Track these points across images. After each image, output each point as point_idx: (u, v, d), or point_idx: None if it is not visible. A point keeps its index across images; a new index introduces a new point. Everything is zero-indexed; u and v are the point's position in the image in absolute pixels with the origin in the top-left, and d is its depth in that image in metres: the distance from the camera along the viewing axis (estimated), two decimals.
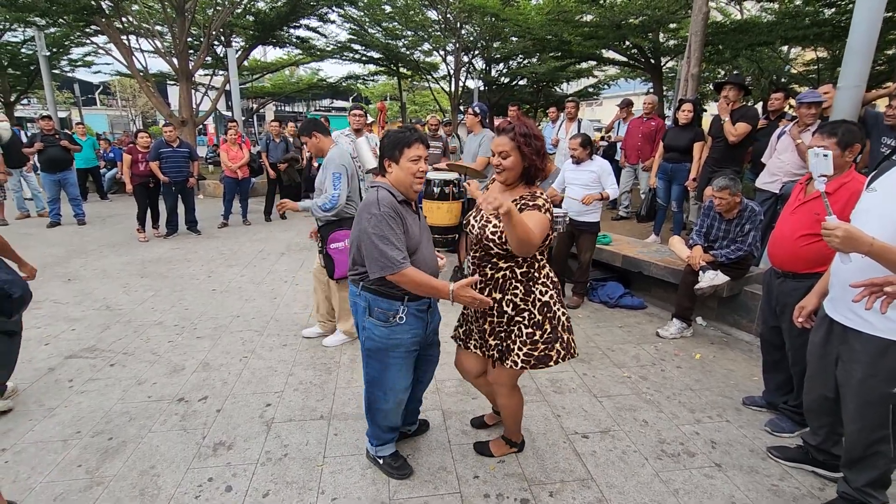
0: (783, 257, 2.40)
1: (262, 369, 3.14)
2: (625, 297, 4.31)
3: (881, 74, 9.74)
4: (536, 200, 1.86)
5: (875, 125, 3.59)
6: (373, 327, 1.95)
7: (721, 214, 3.47)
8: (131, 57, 10.69)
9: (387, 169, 1.92)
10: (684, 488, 2.13)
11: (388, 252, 1.78)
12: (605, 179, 4.05)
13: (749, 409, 2.75)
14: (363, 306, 1.96)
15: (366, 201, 1.89)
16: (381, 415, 2.11)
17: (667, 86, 13.22)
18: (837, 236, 1.56)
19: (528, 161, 1.87)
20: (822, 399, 2.03)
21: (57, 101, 13.25)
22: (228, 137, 7.52)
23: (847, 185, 2.16)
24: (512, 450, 2.35)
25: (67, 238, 6.70)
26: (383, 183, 1.93)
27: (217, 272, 5.22)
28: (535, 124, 2.85)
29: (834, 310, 1.88)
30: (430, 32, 14.10)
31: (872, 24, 3.15)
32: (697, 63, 5.67)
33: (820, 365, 2.00)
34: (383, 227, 1.79)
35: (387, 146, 1.91)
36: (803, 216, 2.31)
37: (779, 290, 2.46)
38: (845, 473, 1.97)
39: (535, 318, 1.95)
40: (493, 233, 1.89)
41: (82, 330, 3.72)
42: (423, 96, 24.91)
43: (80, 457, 2.31)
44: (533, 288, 1.95)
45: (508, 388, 2.13)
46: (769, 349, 2.66)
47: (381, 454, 2.22)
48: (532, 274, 1.96)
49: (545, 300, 1.95)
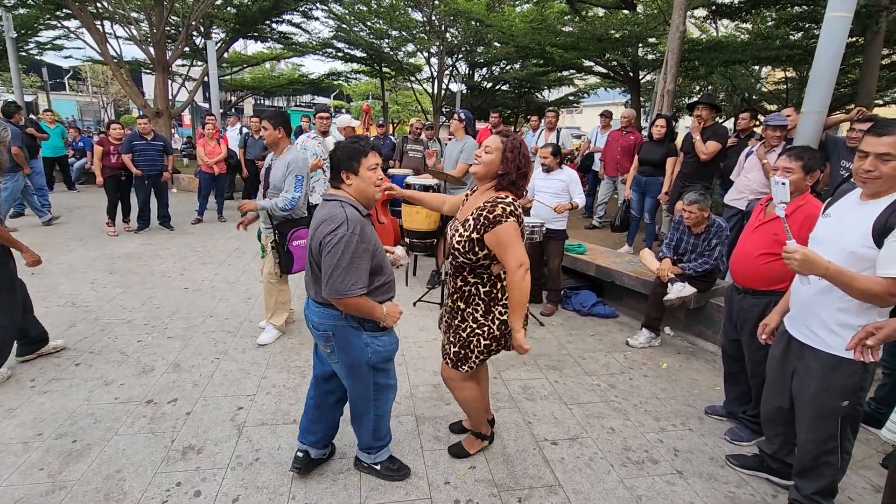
0: (744, 274, 2.52)
1: (235, 371, 3.11)
2: (597, 306, 4.42)
3: (844, 97, 10.23)
4: (496, 209, 1.88)
5: (835, 149, 3.79)
6: (375, 340, 1.96)
7: (690, 228, 3.60)
8: (105, 43, 10.35)
9: (345, 181, 1.90)
10: (647, 495, 2.21)
11: (349, 279, 1.77)
12: (573, 188, 4.18)
13: (711, 417, 2.86)
14: (354, 326, 1.92)
15: (330, 216, 1.81)
16: (385, 419, 2.16)
17: (644, 97, 13.55)
18: (796, 259, 1.67)
19: (505, 168, 1.94)
20: (778, 410, 2.15)
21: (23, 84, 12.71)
22: (206, 132, 7.37)
23: (802, 207, 2.31)
24: (483, 443, 2.43)
25: (31, 230, 6.46)
26: (345, 197, 1.89)
27: (190, 270, 5.12)
28: (520, 135, 2.96)
29: (792, 326, 2.00)
30: (415, 34, 14.12)
31: (835, 56, 3.33)
32: (673, 80, 5.85)
33: (778, 378, 2.11)
34: (354, 252, 1.78)
35: (343, 158, 1.88)
36: (762, 236, 2.43)
37: (739, 306, 2.58)
38: (796, 482, 2.08)
39: (493, 334, 2.06)
40: (459, 242, 1.96)
41: (46, 327, 3.57)
42: (406, 97, 24.86)
43: (42, 460, 2.25)
44: (493, 308, 2.05)
45: (458, 382, 2.21)
46: (730, 361, 2.78)
47: (379, 460, 2.23)
48: (494, 294, 2.04)
49: (504, 319, 2.05)
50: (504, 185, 1.97)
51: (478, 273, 2.01)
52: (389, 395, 2.13)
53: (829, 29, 3.34)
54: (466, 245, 1.93)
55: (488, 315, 2.05)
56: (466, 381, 2.21)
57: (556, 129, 6.77)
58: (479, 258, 1.95)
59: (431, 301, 4.40)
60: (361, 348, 1.94)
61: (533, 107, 17.21)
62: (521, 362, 3.41)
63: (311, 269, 1.94)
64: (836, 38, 3.31)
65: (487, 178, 1.99)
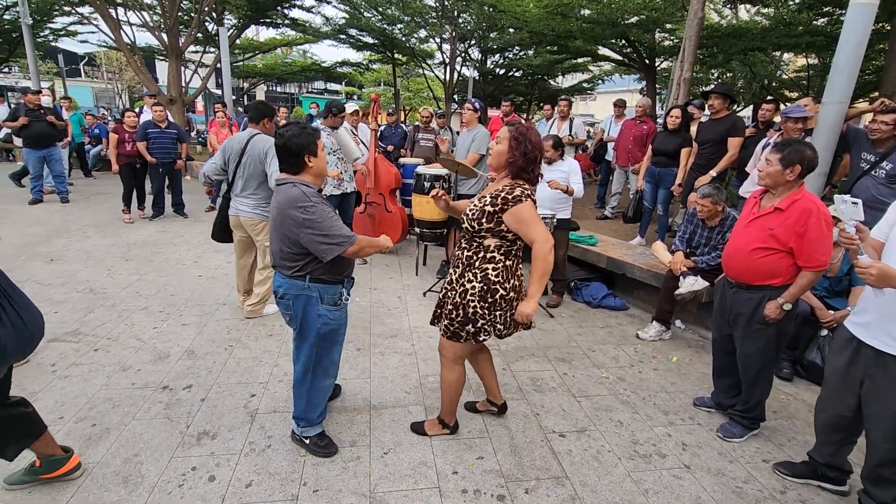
0: (737, 269, 2.48)
1: (248, 359, 3.17)
2: (607, 298, 4.40)
3: (868, 84, 9.92)
4: (514, 191, 2.03)
5: (855, 140, 3.69)
6: (328, 313, 2.19)
7: (704, 222, 3.55)
8: (119, 30, 10.41)
9: (307, 163, 2.10)
10: (654, 488, 2.22)
11: (339, 231, 2.03)
12: (572, 178, 4.20)
13: (708, 412, 2.85)
14: (315, 296, 2.15)
15: (286, 199, 2.04)
16: (324, 392, 2.34)
17: (660, 84, 13.29)
18: (872, 274, 1.67)
19: (511, 156, 2.07)
20: (839, 418, 2.11)
21: (40, 71, 12.86)
22: (217, 119, 7.42)
23: (798, 202, 2.27)
24: (444, 431, 2.49)
25: (49, 217, 6.58)
26: (296, 179, 2.11)
27: (204, 257, 5.19)
28: (533, 125, 3.05)
29: (868, 334, 1.94)
30: (427, 19, 13.95)
31: (858, 45, 3.23)
32: (690, 67, 5.73)
33: (840, 385, 2.07)
34: (323, 214, 2.02)
35: (303, 145, 2.07)
36: (757, 230, 2.38)
37: (732, 300, 2.54)
38: (869, 489, 2.04)
39: (455, 300, 2.19)
40: (471, 210, 2.12)
41: (65, 313, 3.69)
42: (417, 83, 24.69)
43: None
44: (466, 273, 2.17)
45: (450, 360, 2.31)
46: (721, 354, 2.75)
47: (307, 435, 2.35)
48: (472, 261, 2.15)
49: (466, 287, 2.15)
50: (516, 173, 2.09)
51: (469, 239, 2.16)
52: (328, 376, 2.33)
53: (854, 15, 3.24)
54: (477, 213, 2.09)
55: (460, 279, 2.19)
56: (454, 363, 2.32)
57: (570, 118, 6.69)
58: (483, 227, 2.08)
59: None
60: (315, 318, 2.17)
61: (546, 94, 16.99)
62: (530, 354, 3.42)
63: (279, 245, 2.14)
64: (861, 25, 3.21)
65: (501, 167, 2.14)
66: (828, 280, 3.24)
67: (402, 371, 3.09)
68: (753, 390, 2.55)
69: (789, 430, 2.73)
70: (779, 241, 2.29)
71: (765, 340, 2.43)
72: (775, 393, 2.91)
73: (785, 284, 2.34)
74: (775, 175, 2.28)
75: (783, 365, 3.26)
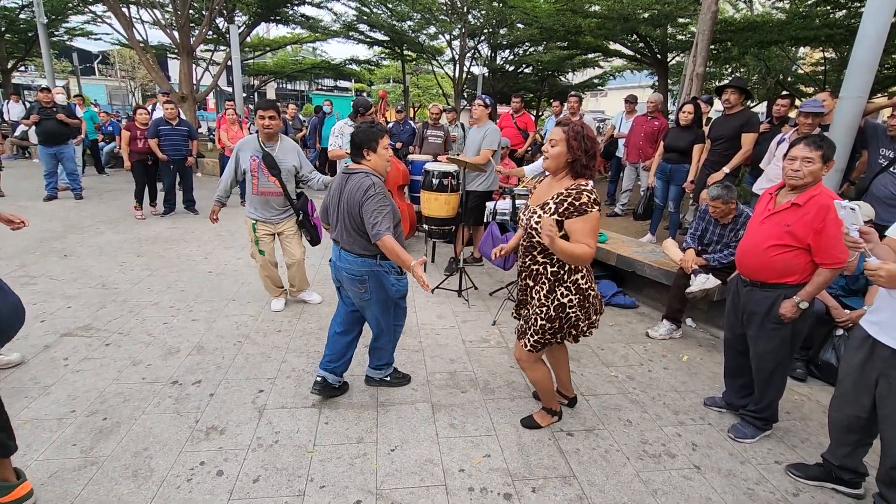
0: (752, 267, 2.42)
1: (256, 355, 3.19)
2: (617, 296, 4.36)
3: (888, 79, 9.69)
4: (581, 197, 2.03)
5: (874, 136, 3.61)
6: (398, 281, 2.54)
7: (716, 219, 3.49)
8: (131, 28, 10.52)
9: (366, 157, 2.39)
10: (663, 489, 2.20)
11: (384, 222, 2.27)
12: None
13: (716, 411, 2.81)
14: (386, 270, 2.45)
15: (360, 184, 2.32)
16: (395, 343, 2.78)
17: (672, 80, 13.12)
18: (882, 276, 1.68)
19: (574, 155, 2.07)
20: (854, 418, 2.07)
21: (55, 69, 13.04)
22: (227, 116, 7.47)
23: (816, 198, 2.21)
24: (553, 419, 2.59)
25: (63, 213, 6.68)
26: (368, 169, 2.39)
27: (213, 254, 5.23)
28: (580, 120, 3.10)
29: (883, 333, 1.91)
30: (437, 15, 13.91)
31: (878, 39, 3.14)
32: (703, 62, 5.64)
33: (856, 385, 2.02)
34: (384, 204, 2.29)
35: (364, 139, 2.37)
36: (772, 227, 2.32)
37: (746, 299, 2.48)
38: (884, 492, 2.00)
39: (549, 314, 2.22)
40: (538, 223, 2.11)
41: (78, 308, 3.75)
42: (427, 80, 24.64)
43: (75, 436, 2.35)
44: (556, 288, 2.20)
45: (529, 363, 2.39)
46: (733, 354, 2.70)
47: (387, 374, 2.85)
48: (560, 275, 2.18)
49: (563, 302, 2.20)
50: (578, 171, 2.09)
51: (548, 253, 2.17)
52: (402, 322, 2.78)
53: (874, 7, 3.15)
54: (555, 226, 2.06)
55: (550, 296, 2.20)
56: (536, 363, 2.39)
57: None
58: None
59: (449, 288, 4.41)
60: (390, 286, 2.50)
61: (556, 90, 16.85)
62: None
63: (346, 229, 2.40)
64: (881, 18, 3.13)
65: (559, 170, 2.14)
66: (844, 278, 3.17)
67: (409, 368, 3.09)
68: (766, 391, 2.50)
69: (803, 432, 2.68)
70: (796, 237, 2.23)
71: (779, 340, 2.38)
72: (789, 393, 2.86)
73: (801, 283, 2.29)
74: (817, 172, 2.21)
75: (797, 365, 3.20)
